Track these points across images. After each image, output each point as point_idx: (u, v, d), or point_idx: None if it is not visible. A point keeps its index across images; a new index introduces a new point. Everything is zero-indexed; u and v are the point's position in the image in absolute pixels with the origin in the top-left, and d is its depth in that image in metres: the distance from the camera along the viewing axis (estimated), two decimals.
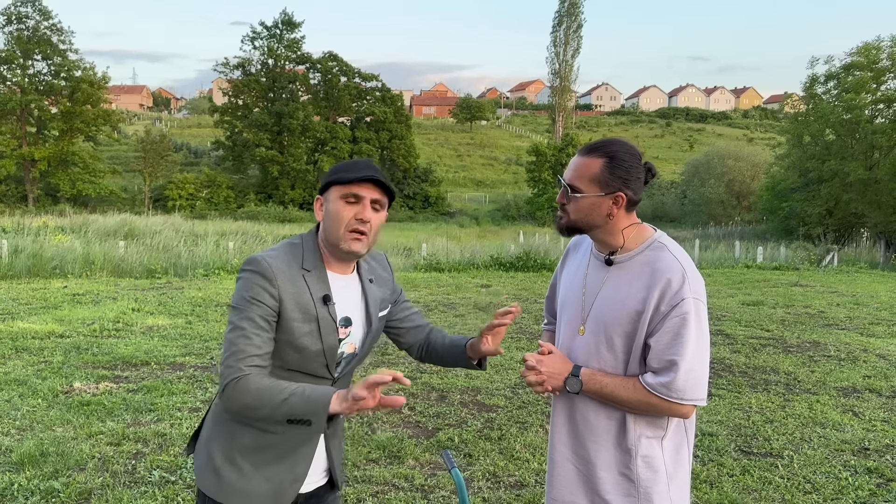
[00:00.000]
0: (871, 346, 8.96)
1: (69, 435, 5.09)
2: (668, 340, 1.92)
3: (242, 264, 1.95)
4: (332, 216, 1.97)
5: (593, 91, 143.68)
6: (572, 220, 2.07)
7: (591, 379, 2.02)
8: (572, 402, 2.11)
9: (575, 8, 70.86)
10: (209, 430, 2.07)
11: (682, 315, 1.92)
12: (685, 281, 1.94)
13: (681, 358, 1.90)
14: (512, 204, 62.21)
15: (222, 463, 1.99)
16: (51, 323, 9.12)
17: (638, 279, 2.00)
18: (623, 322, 2.00)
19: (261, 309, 1.88)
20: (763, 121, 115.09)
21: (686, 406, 1.95)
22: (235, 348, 1.85)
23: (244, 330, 1.86)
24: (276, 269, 1.91)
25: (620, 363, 2.02)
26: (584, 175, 2.02)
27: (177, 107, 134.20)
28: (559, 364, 2.06)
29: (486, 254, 19.87)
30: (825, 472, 4.72)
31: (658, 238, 2.07)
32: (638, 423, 2.02)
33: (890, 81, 35.06)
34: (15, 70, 55.26)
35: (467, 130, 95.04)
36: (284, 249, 1.99)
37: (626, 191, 2.01)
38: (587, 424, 2.08)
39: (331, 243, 1.99)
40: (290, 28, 61.78)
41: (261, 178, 61.35)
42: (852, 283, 16.78)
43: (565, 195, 2.07)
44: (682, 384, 1.91)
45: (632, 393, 1.97)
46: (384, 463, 4.74)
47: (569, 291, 2.20)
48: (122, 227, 26.04)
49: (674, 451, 2.07)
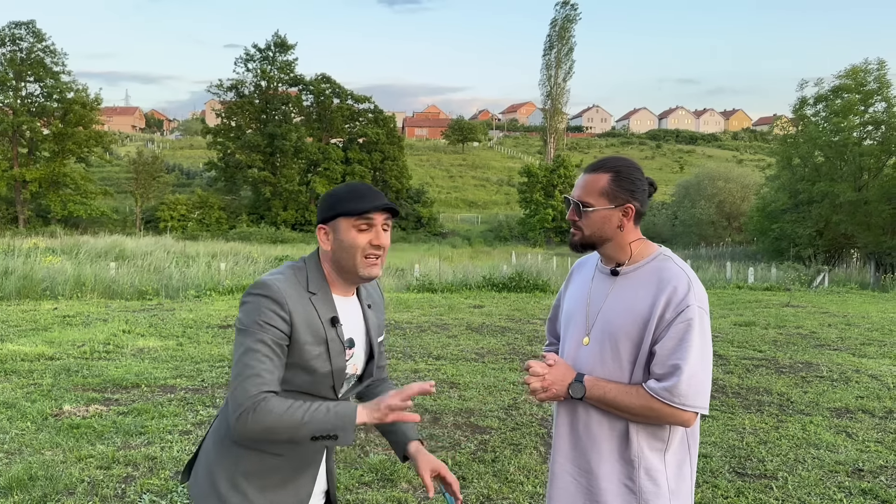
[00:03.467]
0: (863, 366, 8.98)
1: (58, 458, 5.03)
2: (673, 346, 1.95)
3: (249, 287, 1.94)
4: (346, 247, 1.97)
5: (584, 113, 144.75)
6: (586, 235, 2.13)
7: (595, 385, 2.04)
8: (575, 412, 2.12)
9: (566, 32, 71.64)
10: (211, 457, 2.03)
11: (686, 321, 1.96)
12: (690, 289, 2.00)
13: (684, 362, 1.93)
14: (504, 225, 62.39)
15: (227, 490, 1.97)
16: (40, 345, 9.04)
17: (644, 287, 2.05)
18: (629, 329, 2.03)
19: (272, 333, 1.87)
20: (752, 142, 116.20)
21: (688, 412, 1.96)
22: (251, 371, 1.83)
23: (257, 353, 1.85)
24: (286, 293, 1.90)
25: (626, 372, 2.05)
26: (593, 190, 2.10)
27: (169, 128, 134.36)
28: (563, 371, 2.09)
29: (479, 274, 19.86)
30: (820, 494, 4.71)
31: (663, 251, 2.14)
32: (640, 434, 2.03)
33: (877, 104, 35.45)
34: (7, 92, 55.30)
35: (459, 152, 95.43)
36: (289, 273, 1.98)
37: (633, 202, 2.10)
38: (589, 435, 2.09)
39: (346, 270, 2.01)
40: (283, 50, 62.14)
41: (253, 199, 61.36)
42: (843, 304, 16.84)
43: (577, 212, 2.13)
44: (686, 389, 1.93)
45: (634, 399, 1.98)
46: (377, 486, 4.70)
47: (573, 305, 2.24)
48: (113, 249, 25.94)
49: (676, 467, 2.07)
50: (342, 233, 1.97)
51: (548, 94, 73.17)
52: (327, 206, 2.00)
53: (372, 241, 1.97)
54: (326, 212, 2.00)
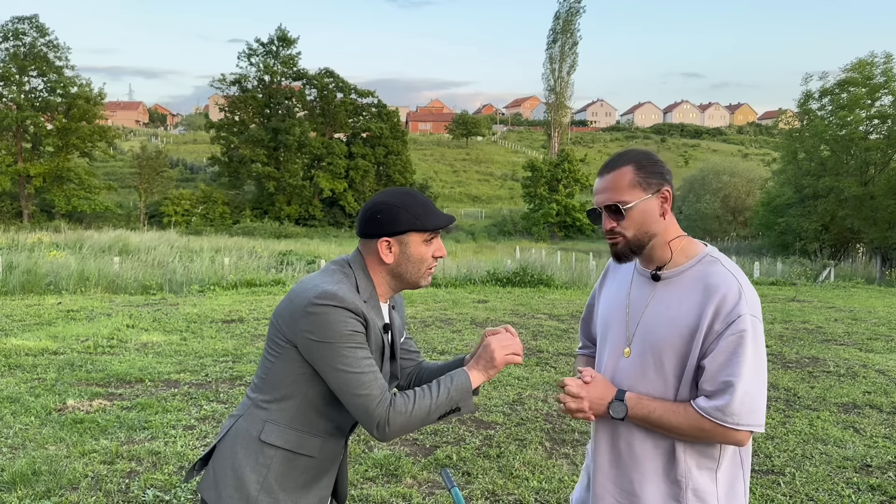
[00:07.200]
0: (870, 361, 8.93)
1: (62, 453, 5.01)
2: (724, 360, 1.78)
3: (315, 297, 1.88)
4: (414, 260, 2.00)
5: (588, 107, 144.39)
6: (630, 238, 1.92)
7: (638, 404, 1.87)
8: (616, 429, 1.95)
9: (570, 25, 71.30)
10: (238, 459, 1.99)
11: (738, 333, 1.77)
12: (741, 296, 1.80)
13: (737, 379, 1.76)
14: (508, 219, 62.33)
15: (258, 492, 1.96)
16: (44, 339, 9.04)
17: (689, 295, 1.86)
18: (674, 342, 1.85)
19: (360, 339, 1.90)
20: (757, 137, 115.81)
21: (742, 432, 1.79)
22: (367, 378, 1.87)
23: (365, 360, 1.88)
24: (359, 303, 1.92)
25: (670, 387, 1.87)
26: (622, 186, 1.90)
27: (173, 123, 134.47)
28: (602, 389, 1.92)
29: (483, 269, 19.84)
30: (828, 490, 4.67)
31: (710, 252, 1.94)
32: (688, 452, 1.87)
33: (884, 97, 35.29)
34: (11, 87, 55.34)
35: (463, 146, 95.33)
36: (340, 279, 1.96)
37: (667, 184, 1.93)
38: (632, 454, 1.92)
39: (405, 281, 2.03)
40: (286, 44, 62.05)
41: (256, 193, 61.36)
42: (849, 299, 16.78)
43: (613, 216, 1.92)
44: (739, 408, 1.75)
45: (682, 418, 1.81)
46: (382, 481, 4.67)
47: (610, 311, 2.06)
48: (117, 243, 25.96)
49: (728, 486, 1.90)
50: (412, 247, 1.98)
51: (551, 88, 72.95)
52: (394, 220, 1.96)
53: (435, 253, 2.02)
54: (395, 226, 1.96)
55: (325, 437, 2.02)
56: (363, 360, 1.87)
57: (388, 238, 1.97)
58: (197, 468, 2.12)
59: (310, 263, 22.56)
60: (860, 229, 33.65)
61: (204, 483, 2.04)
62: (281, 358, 1.95)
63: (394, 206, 1.96)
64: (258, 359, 8.24)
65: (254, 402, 2.01)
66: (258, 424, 1.98)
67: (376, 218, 1.96)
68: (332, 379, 1.88)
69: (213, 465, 2.04)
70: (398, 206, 1.96)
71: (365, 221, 1.99)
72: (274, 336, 1.97)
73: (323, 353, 1.87)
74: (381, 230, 1.96)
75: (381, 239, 1.97)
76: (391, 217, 1.96)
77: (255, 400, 2.01)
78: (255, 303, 13.56)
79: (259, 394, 2.00)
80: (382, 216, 1.96)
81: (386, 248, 1.98)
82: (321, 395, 1.96)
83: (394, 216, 1.96)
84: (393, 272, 2.01)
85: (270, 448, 1.97)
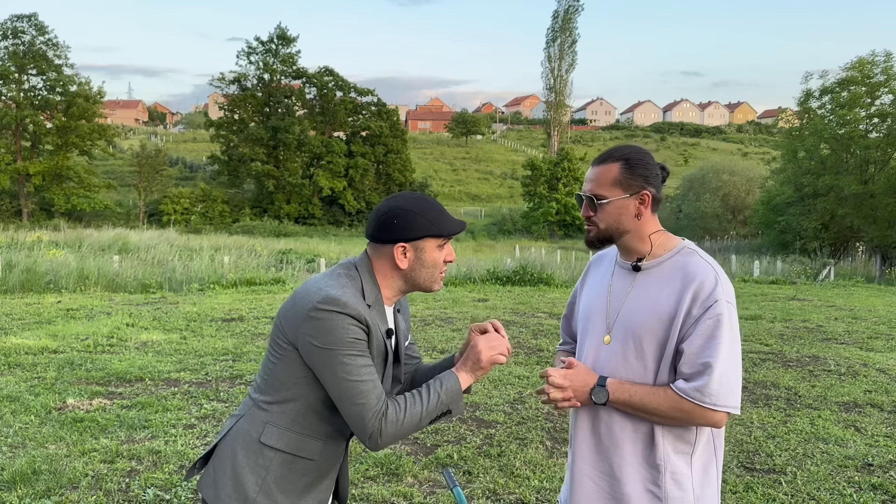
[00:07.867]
0: (870, 360, 8.92)
1: (62, 452, 5.00)
2: (702, 343, 1.86)
3: (319, 302, 1.87)
4: (428, 265, 2.00)
5: (588, 106, 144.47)
6: (602, 229, 2.03)
7: (619, 388, 1.94)
8: (596, 414, 2.02)
9: (569, 24, 71.37)
10: (238, 461, 1.99)
11: (715, 317, 1.87)
12: (717, 283, 1.90)
13: (715, 360, 1.84)
14: (508, 218, 62.30)
15: (257, 494, 1.95)
16: (44, 338, 9.02)
17: (668, 283, 1.96)
18: (653, 327, 1.94)
19: (361, 346, 1.89)
20: (757, 135, 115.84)
21: (719, 413, 1.87)
22: (358, 396, 1.86)
23: (365, 368, 1.88)
24: (362, 308, 1.91)
25: (650, 371, 1.95)
26: (605, 181, 2.01)
27: (172, 121, 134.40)
28: (583, 376, 1.98)
29: (483, 268, 19.83)
30: (829, 489, 4.66)
31: (687, 245, 2.05)
32: (667, 436, 1.94)
33: (884, 96, 35.27)
34: (10, 85, 55.30)
35: (463, 145, 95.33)
36: (345, 283, 1.94)
37: (648, 188, 2.01)
38: (612, 438, 1.99)
39: (417, 286, 2.03)
40: (285, 43, 62.04)
41: (256, 192, 61.36)
42: (849, 298, 16.78)
43: (591, 206, 2.04)
44: (717, 388, 1.84)
45: (662, 400, 1.89)
46: (382, 481, 4.66)
47: (592, 303, 2.14)
48: (116, 242, 25.96)
49: (702, 471, 1.99)
50: (428, 252, 1.98)
51: (551, 86, 72.95)
52: (411, 226, 1.95)
53: (446, 257, 2.02)
54: (412, 232, 1.95)
55: (326, 441, 2.01)
56: (363, 368, 1.86)
57: (404, 244, 1.96)
58: (198, 466, 2.12)
59: (309, 262, 22.56)
60: (860, 228, 33.62)
61: (203, 481, 2.04)
62: (283, 359, 1.95)
63: (410, 212, 1.95)
64: (258, 357, 8.23)
65: (255, 403, 2.00)
66: (259, 426, 1.98)
67: (392, 223, 1.95)
68: (330, 385, 1.88)
69: (213, 464, 2.04)
70: (415, 211, 1.96)
71: (379, 226, 1.96)
72: (276, 337, 1.97)
73: (323, 359, 1.86)
74: (398, 235, 1.95)
75: (398, 244, 1.96)
76: (408, 222, 1.95)
77: (256, 401, 2.00)
78: (254, 301, 13.55)
79: (261, 395, 2.00)
80: (399, 221, 1.95)
81: (401, 254, 1.97)
82: (322, 400, 1.95)
83: (410, 221, 1.95)
84: (406, 277, 2.01)
85: (270, 450, 1.96)
